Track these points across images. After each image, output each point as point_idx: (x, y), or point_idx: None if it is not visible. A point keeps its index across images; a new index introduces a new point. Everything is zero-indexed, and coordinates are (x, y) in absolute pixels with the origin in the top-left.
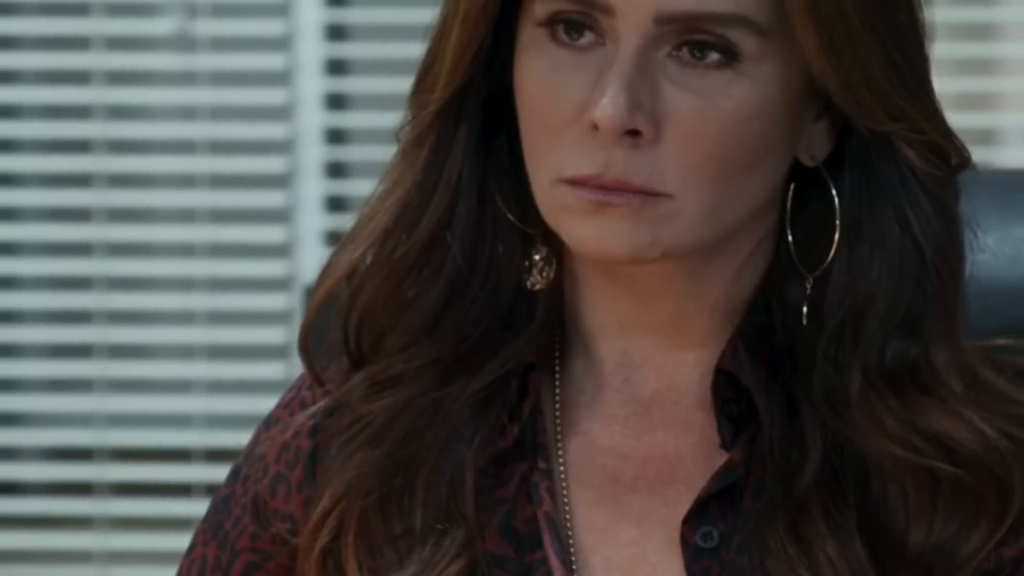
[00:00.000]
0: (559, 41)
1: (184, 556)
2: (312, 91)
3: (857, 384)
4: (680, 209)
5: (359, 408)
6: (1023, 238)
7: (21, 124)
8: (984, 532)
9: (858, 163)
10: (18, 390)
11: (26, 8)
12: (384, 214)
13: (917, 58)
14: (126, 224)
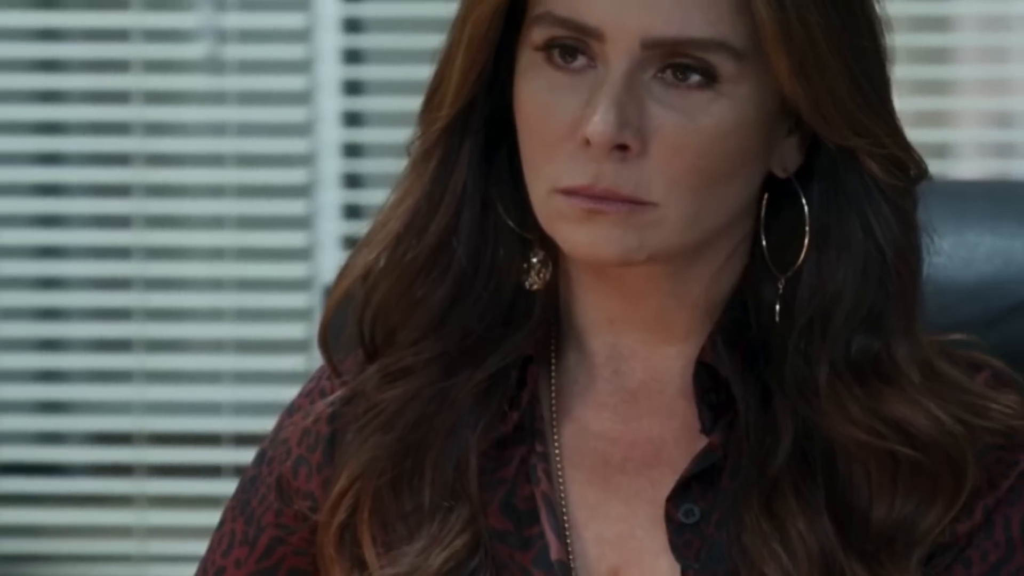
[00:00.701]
0: (554, 64)
1: (215, 531)
2: (330, 110)
3: (825, 375)
4: (665, 216)
5: (373, 397)
6: (975, 242)
7: (67, 139)
8: (940, 509)
9: (825, 175)
10: (64, 380)
11: (71, 34)
12: (396, 221)
13: (879, 80)
14: (162, 230)
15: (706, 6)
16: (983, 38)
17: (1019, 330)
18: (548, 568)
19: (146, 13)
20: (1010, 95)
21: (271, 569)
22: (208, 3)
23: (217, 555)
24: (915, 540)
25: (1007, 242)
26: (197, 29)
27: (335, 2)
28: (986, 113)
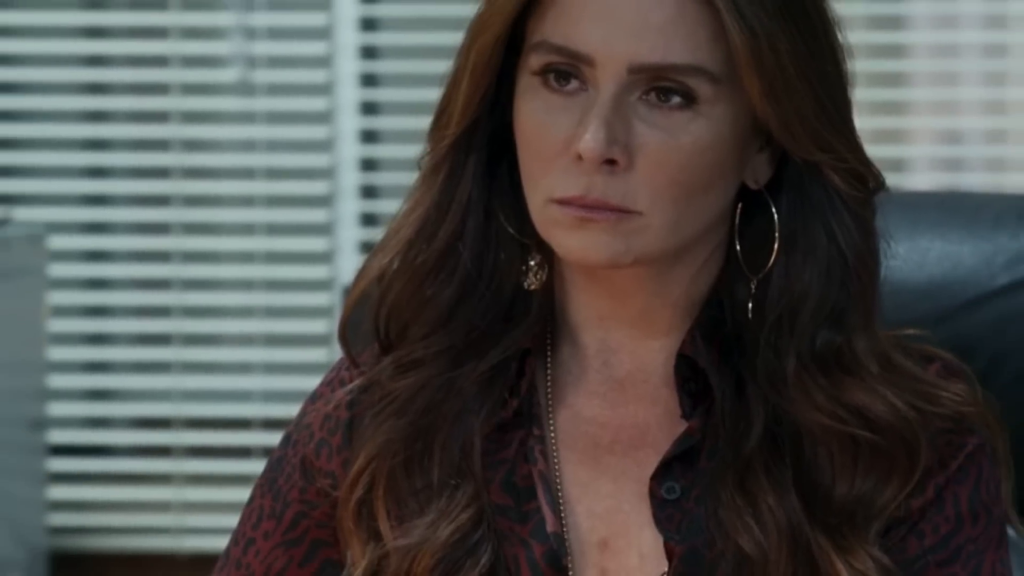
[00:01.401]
0: (550, 87)
1: (245, 506)
2: (349, 128)
3: (792, 366)
4: (649, 224)
5: (387, 386)
6: (927, 247)
7: (113, 155)
8: (896, 487)
9: (793, 186)
10: (110, 371)
11: (117, 60)
12: (408, 228)
13: (842, 101)
14: (198, 236)
15: (685, 35)
16: (934, 64)
17: (967, 326)
18: (544, 540)
19: (184, 41)
20: (958, 116)
21: (296, 540)
22: (239, 32)
23: (247, 527)
24: (873, 514)
25: (955, 247)
26: (229, 56)
27: (354, 32)
28: (936, 132)
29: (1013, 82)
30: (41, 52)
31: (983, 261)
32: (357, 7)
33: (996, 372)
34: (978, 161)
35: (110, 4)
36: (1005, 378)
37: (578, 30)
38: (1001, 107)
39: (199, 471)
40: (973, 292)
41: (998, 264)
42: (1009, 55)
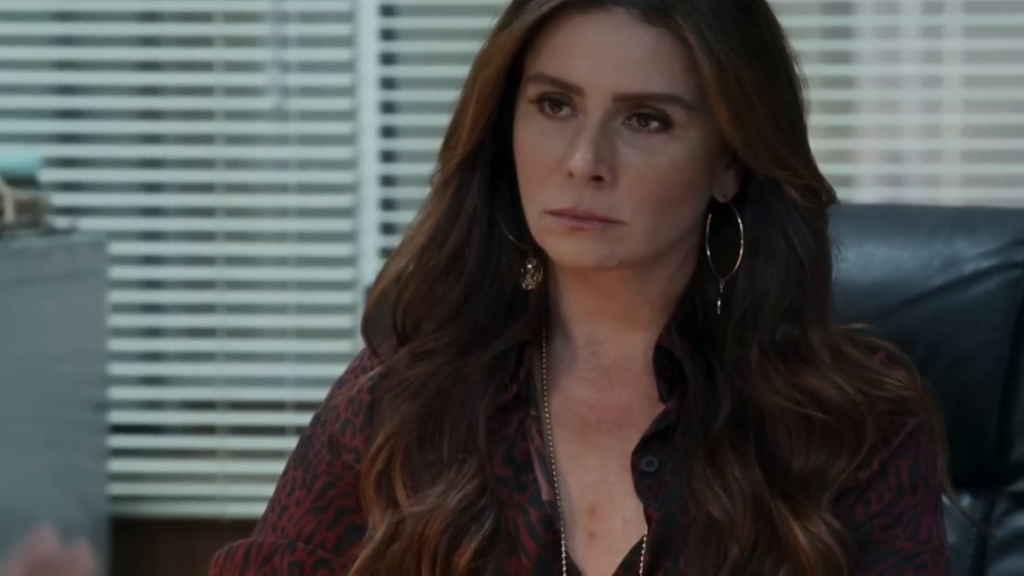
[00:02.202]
0: (545, 114)
1: (280, 477)
2: (370, 149)
3: (755, 355)
4: (631, 232)
5: (404, 373)
6: (872, 252)
7: (165, 172)
8: (845, 460)
9: (756, 200)
10: (162, 360)
11: (168, 89)
12: (421, 236)
13: (798, 125)
14: (238, 243)
15: (662, 68)
16: (878, 94)
17: (907, 321)
18: (540, 506)
19: (226, 74)
20: (899, 139)
21: (324, 507)
22: (274, 65)
23: (282, 496)
24: (825, 484)
25: (897, 252)
26: (266, 86)
27: (374, 65)
28: (880, 152)
29: (947, 109)
30: (103, 83)
31: (921, 265)
32: (377, 44)
33: (932, 361)
34: (916, 178)
35: (163, 41)
36: (939, 366)
37: (569, 64)
38: (937, 131)
39: (240, 447)
40: (912, 292)
41: (934, 267)
42: (944, 86)
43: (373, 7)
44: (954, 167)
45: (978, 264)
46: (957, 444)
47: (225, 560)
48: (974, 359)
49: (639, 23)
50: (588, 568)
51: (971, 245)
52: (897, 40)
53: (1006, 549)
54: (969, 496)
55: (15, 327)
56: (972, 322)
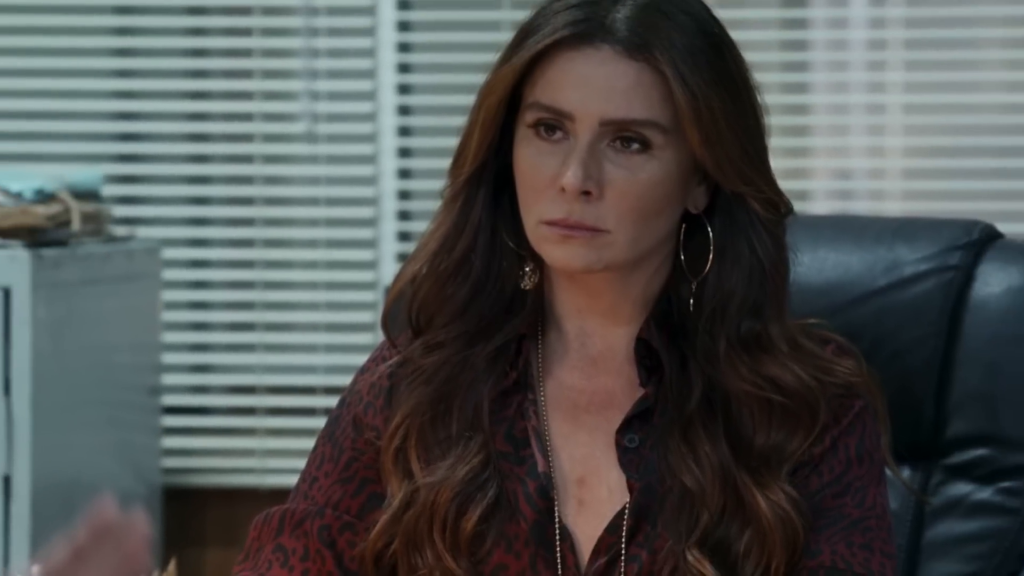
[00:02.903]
0: (541, 137)
1: (311, 452)
2: (389, 167)
3: (723, 347)
4: (616, 239)
5: (418, 362)
6: (824, 257)
7: (212, 187)
8: (801, 437)
9: (724, 212)
10: (209, 351)
11: (214, 115)
12: (433, 243)
13: (760, 147)
14: (275, 249)
15: (643, 97)
16: (830, 119)
17: (855, 317)
18: (536, 478)
19: (265, 102)
20: (847, 158)
21: (349, 478)
22: (307, 95)
23: (312, 468)
24: (783, 458)
25: (846, 257)
26: (298, 113)
27: (393, 95)
28: (831, 170)
29: (890, 133)
30: (157, 110)
31: (867, 268)
32: (395, 76)
33: (876, 352)
34: (863, 193)
35: (210, 74)
36: (883, 356)
37: (562, 94)
38: (881, 152)
39: (276, 426)
40: (859, 291)
41: (878, 270)
42: (887, 112)
43: (391, 45)
44: (896, 183)
45: (917, 267)
46: (899, 424)
47: (263, 524)
48: (913, 350)
49: (623, 58)
50: (578, 531)
51: (911, 251)
52: (846, 73)
53: (941, 515)
54: (909, 469)
55: (81, 322)
56: (911, 318)
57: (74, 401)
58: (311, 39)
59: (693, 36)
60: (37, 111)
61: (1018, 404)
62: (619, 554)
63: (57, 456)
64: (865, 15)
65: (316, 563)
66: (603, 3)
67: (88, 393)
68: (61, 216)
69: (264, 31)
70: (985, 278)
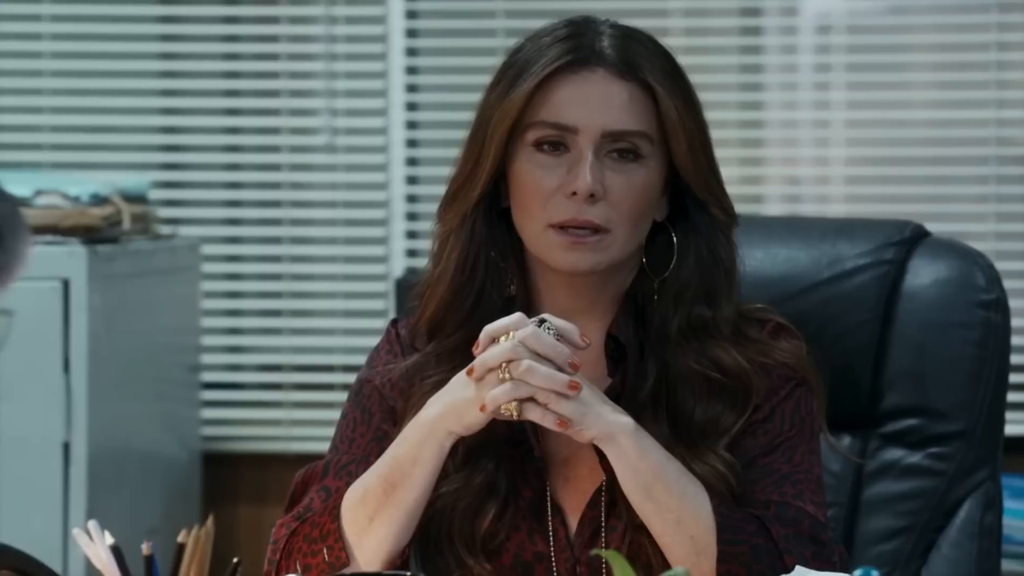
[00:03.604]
0: (544, 152)
1: (340, 420)
2: (399, 175)
3: (674, 330)
4: (616, 239)
5: (434, 370)
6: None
7: (245, 192)
8: (736, 412)
9: (684, 218)
10: (242, 334)
11: (247, 129)
12: (452, 267)
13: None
14: (300, 245)
15: (636, 112)
16: (782, 133)
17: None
18: (533, 460)
19: (291, 117)
20: (797, 167)
21: (383, 436)
22: (327, 111)
23: (347, 432)
24: (720, 430)
25: (795, 252)
26: (320, 126)
27: (402, 111)
28: (782, 177)
29: (834, 145)
30: (197, 125)
31: (813, 262)
32: (404, 95)
33: (821, 334)
34: (810, 196)
35: (243, 93)
36: (827, 338)
37: (566, 111)
38: (826, 161)
39: (301, 400)
40: (806, 282)
41: (823, 264)
42: (831, 127)
43: (401, 68)
44: (839, 188)
45: (856, 262)
46: (840, 397)
47: (306, 473)
48: (853, 333)
49: (616, 78)
50: (565, 505)
51: (851, 247)
52: (796, 92)
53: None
54: (849, 437)
55: (131, 310)
56: (852, 306)
57: (125, 378)
58: (330, 63)
59: (664, 61)
60: (94, 125)
61: (943, 380)
62: (600, 526)
63: (110, 426)
64: (812, 42)
65: None
66: (587, 35)
67: (137, 371)
68: (113, 217)
69: (290, 56)
70: (916, 271)
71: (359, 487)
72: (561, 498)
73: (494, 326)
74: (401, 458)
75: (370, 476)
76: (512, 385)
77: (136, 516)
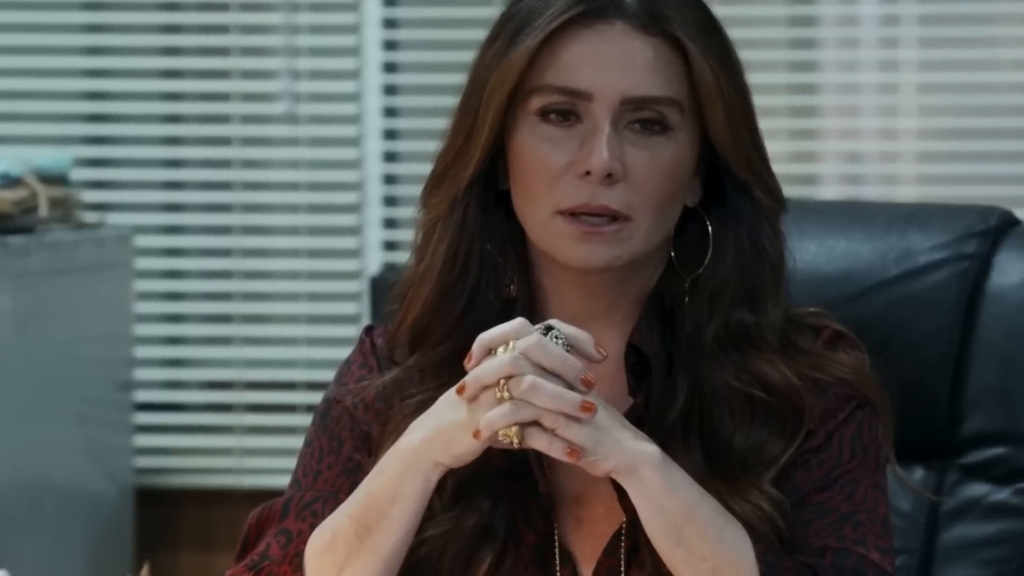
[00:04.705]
0: (550, 123)
1: (303, 448)
2: (375, 150)
3: (709, 339)
4: (638, 228)
5: (418, 388)
6: (833, 245)
7: (186, 171)
8: (785, 439)
9: (721, 204)
10: (184, 343)
11: (189, 95)
12: (438, 262)
13: (762, 143)
14: (254, 236)
15: (662, 73)
16: (840, 99)
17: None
18: (537, 498)
19: (243, 81)
20: (858, 141)
21: (354, 468)
22: (287, 74)
23: (312, 463)
24: (765, 462)
25: (856, 245)
26: (278, 93)
27: (378, 73)
28: (841, 153)
29: (902, 114)
30: (129, 89)
31: (878, 257)
32: (381, 54)
33: (888, 345)
34: (874, 177)
35: (184, 51)
36: (895, 349)
37: (578, 73)
38: (892, 134)
39: (255, 424)
40: (870, 281)
41: (890, 259)
42: (900, 92)
43: (377, 21)
44: (909, 167)
45: (930, 256)
46: (911, 421)
47: (262, 514)
48: (927, 343)
49: (639, 33)
50: (577, 552)
51: (924, 239)
52: (857, 51)
53: (956, 517)
54: (922, 469)
55: (49, 314)
56: (925, 309)
57: (41, 397)
58: (292, 14)
59: (697, 12)
60: (1, 90)
61: None
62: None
63: (23, 456)
64: None
65: None
66: None
67: (56, 388)
68: (27, 201)
69: (242, 6)
70: (1003, 267)
71: (326, 530)
72: (572, 543)
73: (490, 334)
74: (377, 495)
75: (340, 517)
76: (512, 406)
77: (55, 564)
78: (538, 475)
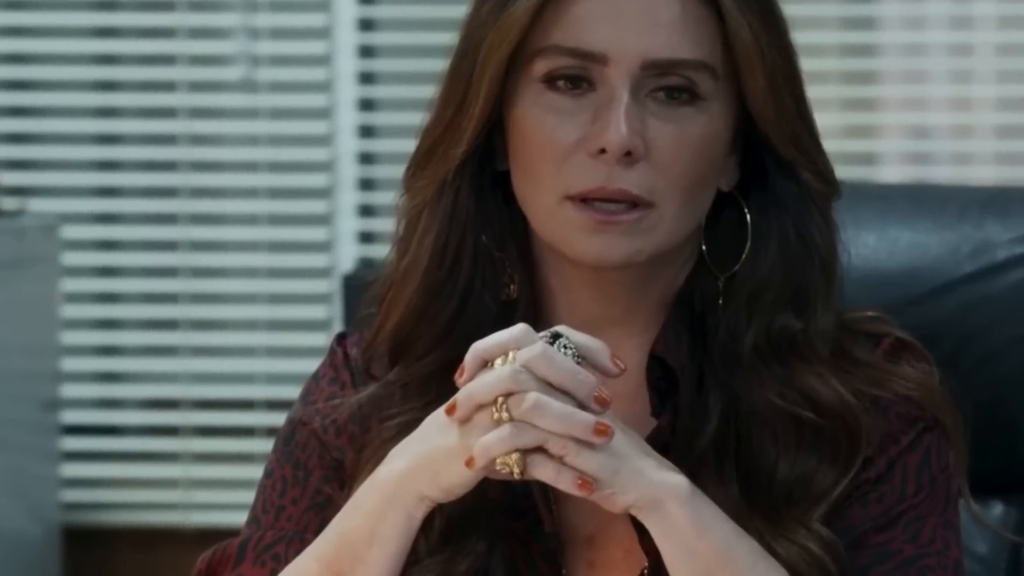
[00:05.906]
0: (558, 90)
1: (264, 479)
2: (348, 124)
3: (747, 348)
4: (662, 216)
5: (400, 407)
6: (896, 237)
7: (123, 148)
8: (837, 470)
9: (762, 188)
10: (120, 354)
11: (126, 58)
12: (425, 257)
13: (808, 106)
14: (204, 226)
15: (692, 33)
16: (903, 63)
17: (933, 312)
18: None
19: (190, 41)
20: (925, 112)
21: (323, 504)
22: (243, 32)
23: (274, 497)
24: (814, 496)
25: (923, 237)
26: (233, 55)
27: (352, 31)
28: (905, 127)
29: (978, 80)
30: (54, 51)
31: (949, 250)
32: (355, 8)
33: (961, 355)
34: (944, 155)
35: (120, 5)
36: (969, 362)
37: (591, 32)
38: (966, 104)
39: (205, 450)
40: (939, 280)
41: (963, 253)
42: (974, 54)
43: None
44: (986, 143)
45: (1011, 250)
46: (988, 446)
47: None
48: (1007, 353)
49: None
50: None
51: (1004, 229)
52: (923, 4)
53: None
54: (1001, 504)
55: None
56: (1005, 313)
57: None
58: None
59: None
60: None
61: None
62: None
63: None
64: None
65: None
66: None
67: None
68: None
69: None
70: None
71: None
72: None
73: (486, 343)
74: (351, 535)
75: (307, 561)
76: (512, 429)
77: None
78: (543, 512)
